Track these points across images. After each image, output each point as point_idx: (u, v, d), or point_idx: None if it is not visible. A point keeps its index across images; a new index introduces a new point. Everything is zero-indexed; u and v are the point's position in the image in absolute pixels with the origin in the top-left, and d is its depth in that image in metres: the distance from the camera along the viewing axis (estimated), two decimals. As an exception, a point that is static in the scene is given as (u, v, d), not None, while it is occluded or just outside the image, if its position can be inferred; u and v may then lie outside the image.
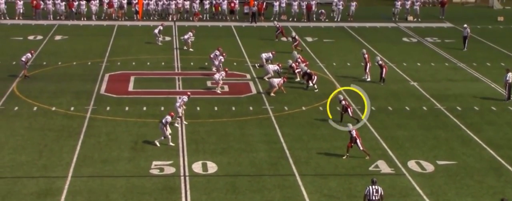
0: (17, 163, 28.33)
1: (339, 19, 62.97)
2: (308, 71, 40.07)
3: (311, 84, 39.58)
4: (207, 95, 38.31)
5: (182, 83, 40.78)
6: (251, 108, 36.21)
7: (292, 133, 32.64)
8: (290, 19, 62.86)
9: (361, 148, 29.65)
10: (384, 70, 41.48)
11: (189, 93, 33.77)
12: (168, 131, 30.55)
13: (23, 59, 40.38)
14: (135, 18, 61.40)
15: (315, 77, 39.86)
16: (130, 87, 39.88)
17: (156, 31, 50.78)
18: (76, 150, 29.78)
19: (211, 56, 43.12)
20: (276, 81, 38.69)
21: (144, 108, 35.77)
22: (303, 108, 36.48)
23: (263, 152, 30.14)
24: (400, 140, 31.94)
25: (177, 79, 41.57)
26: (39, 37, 53.10)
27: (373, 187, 23.57)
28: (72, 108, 35.22)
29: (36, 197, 25.21)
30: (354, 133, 29.71)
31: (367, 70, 41.97)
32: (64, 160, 28.65)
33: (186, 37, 49.23)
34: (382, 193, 23.64)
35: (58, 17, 60.51)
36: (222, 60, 42.23)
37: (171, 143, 30.50)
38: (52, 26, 57.68)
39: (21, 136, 31.48)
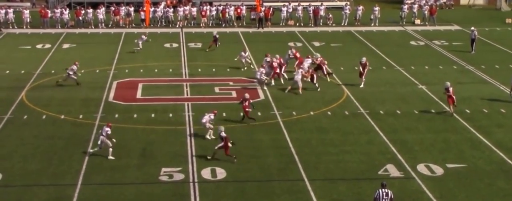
0: (27, 171, 28.40)
1: (346, 24, 62.95)
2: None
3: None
4: (215, 101, 38.31)
5: (190, 89, 40.82)
6: (259, 113, 36.20)
7: (300, 138, 32.63)
8: (297, 24, 62.89)
9: (227, 153, 29.39)
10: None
11: (215, 112, 33.40)
12: (109, 143, 29.86)
13: (69, 71, 40.24)
14: (142, 25, 61.54)
15: (316, 76, 40.55)
16: (138, 94, 39.94)
17: (140, 41, 50.72)
18: (86, 158, 29.82)
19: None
20: (300, 75, 39.63)
21: (153, 115, 35.81)
22: (311, 113, 36.47)
23: (272, 158, 30.13)
24: (409, 144, 31.88)
25: (185, 85, 41.61)
26: (47, 46, 53.26)
27: (383, 190, 23.52)
28: (80, 116, 35.30)
29: (46, 205, 25.30)
30: (223, 134, 29.49)
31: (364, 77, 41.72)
32: (73, 168, 28.70)
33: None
34: (392, 197, 23.59)
35: (65, 26, 60.72)
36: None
37: (110, 156, 29.67)
38: (60, 34, 57.86)
39: (31, 144, 31.56)
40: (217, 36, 51.70)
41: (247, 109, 34.43)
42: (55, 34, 58.10)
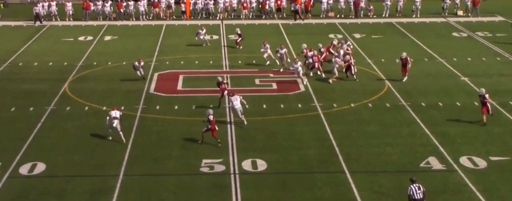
0: (70, 162, 28.73)
1: (387, 15, 62.49)
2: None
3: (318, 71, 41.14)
4: (256, 93, 38.33)
5: (230, 81, 40.89)
6: (299, 105, 36.15)
7: (341, 130, 32.51)
8: (338, 16, 62.59)
9: (214, 135, 30.22)
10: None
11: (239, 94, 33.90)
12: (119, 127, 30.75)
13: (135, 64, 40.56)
14: (182, 17, 61.77)
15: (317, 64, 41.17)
16: (179, 86, 40.14)
17: (201, 33, 50.45)
18: (128, 149, 30.06)
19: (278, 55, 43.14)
20: (337, 65, 39.90)
21: (193, 107, 35.96)
22: (352, 104, 36.30)
23: (312, 150, 30.07)
24: (452, 136, 31.57)
25: (225, 77, 41.68)
26: (90, 38, 53.76)
27: (415, 185, 23.29)
28: (122, 108, 35.56)
29: (89, 196, 25.53)
30: (211, 117, 30.21)
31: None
32: (115, 159, 28.95)
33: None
34: (424, 190, 23.37)
35: (107, 18, 61.25)
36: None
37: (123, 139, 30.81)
38: (101, 26, 58.36)
39: (73, 135, 31.90)
40: (239, 31, 50.78)
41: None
42: (97, 26, 58.62)
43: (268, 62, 43.99)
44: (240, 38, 49.89)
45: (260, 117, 34.31)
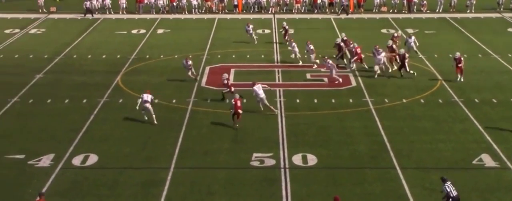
0: (121, 154, 29.04)
1: (441, 10, 61.76)
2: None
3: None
4: (307, 87, 38.24)
5: (281, 75, 40.85)
6: (351, 100, 35.97)
7: (392, 125, 32.27)
8: (391, 11, 62.07)
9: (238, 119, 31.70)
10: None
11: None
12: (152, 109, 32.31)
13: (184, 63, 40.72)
14: (234, 11, 61.90)
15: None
16: (231, 80, 40.19)
17: (249, 30, 49.89)
18: (178, 142, 30.27)
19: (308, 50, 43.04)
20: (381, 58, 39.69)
21: (244, 101, 36.00)
22: (404, 100, 35.99)
23: (363, 145, 29.91)
24: (505, 133, 31.08)
25: (277, 71, 41.66)
26: (142, 31, 54.22)
27: (448, 183, 23.17)
28: (174, 101, 35.80)
29: (140, 188, 25.78)
30: (236, 102, 31.69)
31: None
32: (167, 152, 29.17)
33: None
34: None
35: (160, 11, 61.73)
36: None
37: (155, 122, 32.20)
38: (154, 20, 58.82)
39: (125, 128, 32.23)
40: (287, 26, 50.17)
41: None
42: (150, 19, 59.10)
43: (300, 62, 43.56)
44: (286, 32, 49.32)
45: (311, 112, 34.24)
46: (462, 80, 38.67)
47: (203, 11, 62.39)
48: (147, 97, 32.48)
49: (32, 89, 38.43)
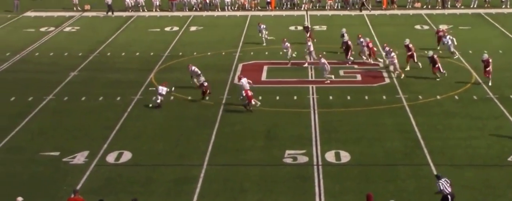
0: (155, 151, 29.20)
1: (475, 6, 61.16)
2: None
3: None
4: (340, 84, 38.10)
5: (314, 72, 40.77)
6: (384, 97, 35.80)
7: (426, 122, 32.05)
8: (424, 7, 61.61)
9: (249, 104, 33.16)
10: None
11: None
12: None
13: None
14: (267, 8, 61.89)
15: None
16: (263, 77, 40.25)
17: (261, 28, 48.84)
18: (211, 139, 30.36)
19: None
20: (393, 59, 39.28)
21: (277, 98, 36.02)
22: (438, 97, 35.73)
23: (396, 142, 29.76)
24: (541, 130, 30.77)
25: (310, 68, 41.57)
26: (175, 28, 54.43)
27: (442, 180, 23.00)
28: (207, 98, 35.89)
29: (173, 185, 25.90)
30: (246, 93, 33.23)
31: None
32: (199, 149, 29.27)
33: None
34: (451, 183, 23.21)
35: (193, 9, 61.92)
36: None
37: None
38: (187, 17, 59.01)
39: (159, 125, 32.40)
40: (308, 25, 49.57)
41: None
42: (183, 17, 59.30)
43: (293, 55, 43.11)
44: (308, 32, 48.13)
45: (344, 109, 34.14)
46: (490, 84, 37.21)
47: (236, 8, 62.47)
48: (162, 90, 34.15)
49: (67, 86, 38.79)
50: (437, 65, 38.55)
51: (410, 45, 41.20)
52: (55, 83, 39.18)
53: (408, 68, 40.09)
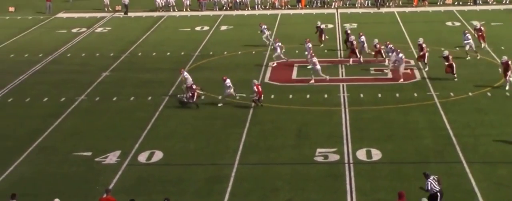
0: (186, 150, 29.30)
1: (508, 1, 60.53)
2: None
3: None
4: (371, 82, 37.95)
5: (345, 70, 40.64)
6: (415, 94, 35.59)
7: (458, 119, 31.80)
8: (456, 3, 61.11)
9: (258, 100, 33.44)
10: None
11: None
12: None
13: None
14: (297, 7, 61.82)
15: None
16: (294, 75, 40.22)
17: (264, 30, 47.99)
18: (242, 138, 30.39)
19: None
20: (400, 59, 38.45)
21: (308, 96, 35.96)
22: (470, 94, 35.44)
23: (428, 139, 29.57)
24: None
25: (340, 66, 41.45)
26: (206, 28, 54.58)
27: (431, 178, 22.85)
28: (237, 97, 35.95)
29: (204, 184, 25.97)
30: (256, 88, 33.70)
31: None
32: (230, 148, 29.32)
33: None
34: (440, 180, 23.06)
35: (223, 8, 62.06)
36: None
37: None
38: (217, 16, 59.13)
39: (190, 124, 32.50)
40: (321, 26, 48.14)
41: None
42: (213, 16, 59.44)
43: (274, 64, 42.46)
44: (319, 33, 47.19)
45: (375, 106, 34.00)
46: (507, 88, 35.88)
47: (266, 7, 62.46)
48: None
49: (99, 87, 39.08)
50: (450, 66, 37.78)
51: (424, 45, 40.50)
52: (87, 83, 39.49)
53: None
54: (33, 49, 48.74)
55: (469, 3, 60.88)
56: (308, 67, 39.56)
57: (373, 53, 41.83)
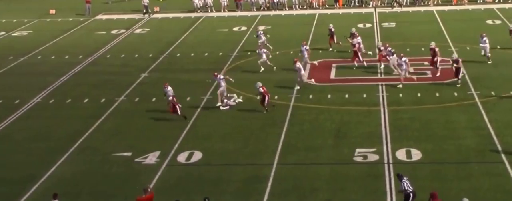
0: (225, 150, 29.37)
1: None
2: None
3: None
4: (410, 81, 37.65)
5: (384, 70, 40.37)
6: (455, 94, 35.26)
7: (500, 119, 31.44)
8: (496, 1, 60.42)
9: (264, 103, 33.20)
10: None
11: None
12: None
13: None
14: (335, 6, 61.62)
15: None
16: (332, 75, 40.10)
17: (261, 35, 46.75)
18: (281, 138, 30.37)
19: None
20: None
21: (346, 96, 35.83)
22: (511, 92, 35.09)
23: (469, 139, 29.28)
24: None
25: (379, 65, 41.19)
26: (244, 28, 54.65)
27: (405, 179, 22.91)
28: (276, 97, 35.93)
29: (243, 184, 26.01)
30: (261, 89, 33.35)
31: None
32: (269, 148, 29.31)
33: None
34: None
35: (261, 8, 62.11)
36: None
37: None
38: (255, 17, 59.18)
39: (229, 124, 32.56)
40: (333, 29, 46.66)
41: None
42: (251, 16, 59.50)
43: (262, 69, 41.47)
44: (330, 36, 46.09)
45: (415, 106, 33.75)
46: None
47: (303, 7, 62.38)
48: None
49: (138, 87, 39.35)
50: (458, 70, 36.49)
51: (436, 49, 39.17)
52: (127, 84, 39.78)
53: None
54: (73, 50, 49.25)
55: (510, 1, 60.12)
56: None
57: (369, 52, 41.31)
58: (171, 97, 33.05)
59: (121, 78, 41.34)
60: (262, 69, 41.01)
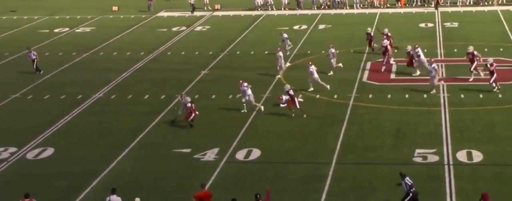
0: (283, 149, 29.38)
1: None
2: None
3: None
4: (472, 82, 37.12)
5: (445, 70, 39.92)
6: (519, 95, 34.68)
7: None
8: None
9: (298, 106, 32.37)
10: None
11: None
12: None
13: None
14: (396, 5, 61.09)
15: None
16: (392, 75, 39.76)
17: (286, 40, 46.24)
18: (340, 137, 30.26)
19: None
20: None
21: (407, 96, 35.51)
22: None
23: (532, 141, 28.77)
24: None
25: (441, 66, 40.72)
26: (304, 27, 54.57)
27: (407, 179, 22.88)
28: (335, 96, 35.81)
29: (302, 182, 25.98)
30: (291, 92, 32.69)
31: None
32: (328, 147, 29.23)
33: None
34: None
35: (321, 7, 61.93)
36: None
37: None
38: (315, 15, 59.05)
39: (287, 123, 32.56)
40: (371, 32, 45.84)
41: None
42: (311, 15, 59.38)
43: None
44: (369, 40, 44.95)
45: (477, 107, 33.27)
46: None
47: (364, 6, 61.99)
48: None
49: (198, 85, 39.62)
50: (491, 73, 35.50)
51: (475, 52, 37.78)
52: (187, 81, 40.09)
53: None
54: (135, 47, 49.84)
55: None
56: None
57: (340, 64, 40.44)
58: (189, 104, 32.65)
59: (181, 75, 41.68)
60: (334, 68, 40.33)
